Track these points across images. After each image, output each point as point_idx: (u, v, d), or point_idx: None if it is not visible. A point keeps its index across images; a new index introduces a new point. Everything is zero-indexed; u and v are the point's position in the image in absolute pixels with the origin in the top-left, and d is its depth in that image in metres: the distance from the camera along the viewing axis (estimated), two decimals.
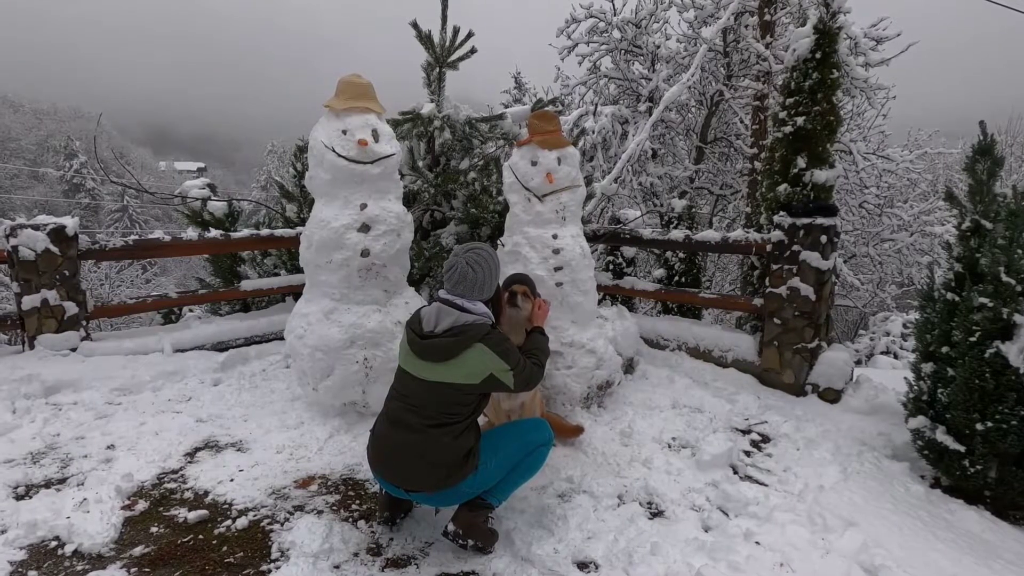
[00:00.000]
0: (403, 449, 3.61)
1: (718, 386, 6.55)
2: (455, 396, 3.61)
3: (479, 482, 3.68)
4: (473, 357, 3.59)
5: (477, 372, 3.60)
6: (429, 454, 3.55)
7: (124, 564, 3.53)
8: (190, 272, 35.28)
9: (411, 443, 3.58)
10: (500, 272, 4.11)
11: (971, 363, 4.40)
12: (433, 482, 3.57)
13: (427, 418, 3.59)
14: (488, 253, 3.95)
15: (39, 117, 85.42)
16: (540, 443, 3.92)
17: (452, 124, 6.89)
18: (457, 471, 3.56)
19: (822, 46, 6.55)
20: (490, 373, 3.61)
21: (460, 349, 3.59)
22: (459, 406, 3.62)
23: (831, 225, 6.25)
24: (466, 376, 3.60)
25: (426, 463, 3.55)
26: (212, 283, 9.24)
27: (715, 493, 4.43)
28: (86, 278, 18.96)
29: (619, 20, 13.99)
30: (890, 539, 3.89)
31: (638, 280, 8.38)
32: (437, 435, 3.56)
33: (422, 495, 3.67)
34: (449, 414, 3.60)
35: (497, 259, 4.03)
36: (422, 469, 3.56)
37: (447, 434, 3.56)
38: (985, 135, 4.79)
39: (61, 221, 6.48)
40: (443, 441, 3.55)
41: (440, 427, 3.57)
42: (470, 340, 3.59)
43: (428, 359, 3.63)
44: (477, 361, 3.59)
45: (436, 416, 3.59)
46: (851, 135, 14.68)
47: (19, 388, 5.60)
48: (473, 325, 3.65)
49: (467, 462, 3.60)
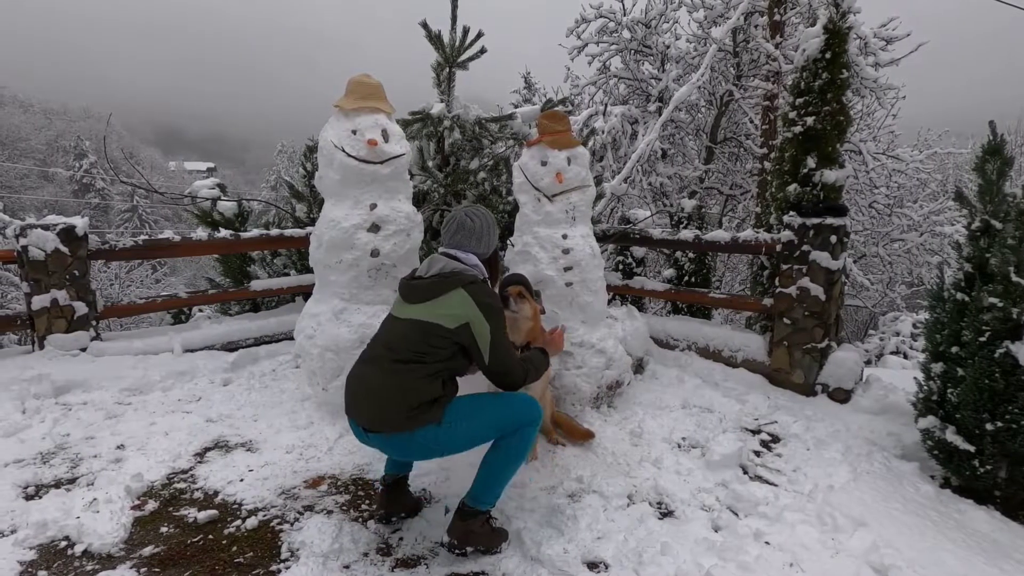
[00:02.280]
0: (368, 384, 3.56)
1: (728, 386, 6.54)
2: (428, 336, 3.52)
3: (440, 441, 3.54)
4: (453, 300, 3.53)
5: (454, 316, 3.51)
6: (391, 389, 3.47)
7: (134, 564, 3.53)
8: (200, 272, 35.32)
9: (377, 378, 3.53)
10: (497, 234, 4.12)
11: (981, 363, 4.38)
12: (390, 420, 3.45)
13: (397, 355, 3.51)
14: (487, 211, 4.02)
15: (49, 117, 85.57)
16: (524, 422, 3.70)
17: (462, 124, 6.90)
18: (416, 415, 3.42)
19: (832, 46, 6.53)
20: (466, 322, 3.51)
21: (442, 291, 3.57)
22: (430, 347, 3.50)
23: (841, 225, 6.23)
24: (441, 317, 3.52)
25: (386, 398, 3.46)
26: (222, 283, 9.27)
27: (725, 493, 4.42)
28: (96, 278, 18.96)
29: (629, 20, 14.03)
30: (900, 539, 3.88)
31: (648, 280, 8.37)
32: (403, 371, 3.47)
33: (380, 437, 3.53)
34: (419, 352, 3.49)
35: (495, 220, 4.08)
36: (381, 404, 3.47)
37: (413, 372, 3.46)
38: (995, 135, 4.77)
39: (71, 221, 6.51)
40: (407, 379, 3.46)
41: (407, 363, 3.48)
42: (454, 284, 3.57)
43: (411, 300, 3.65)
44: (456, 305, 3.52)
45: (405, 353, 3.50)
46: (861, 135, 14.67)
47: (29, 388, 5.63)
48: (461, 272, 3.65)
49: (429, 410, 3.45)
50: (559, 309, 5.53)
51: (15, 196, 55.08)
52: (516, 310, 4.36)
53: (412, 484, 4.17)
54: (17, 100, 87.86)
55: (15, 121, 75.05)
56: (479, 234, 3.88)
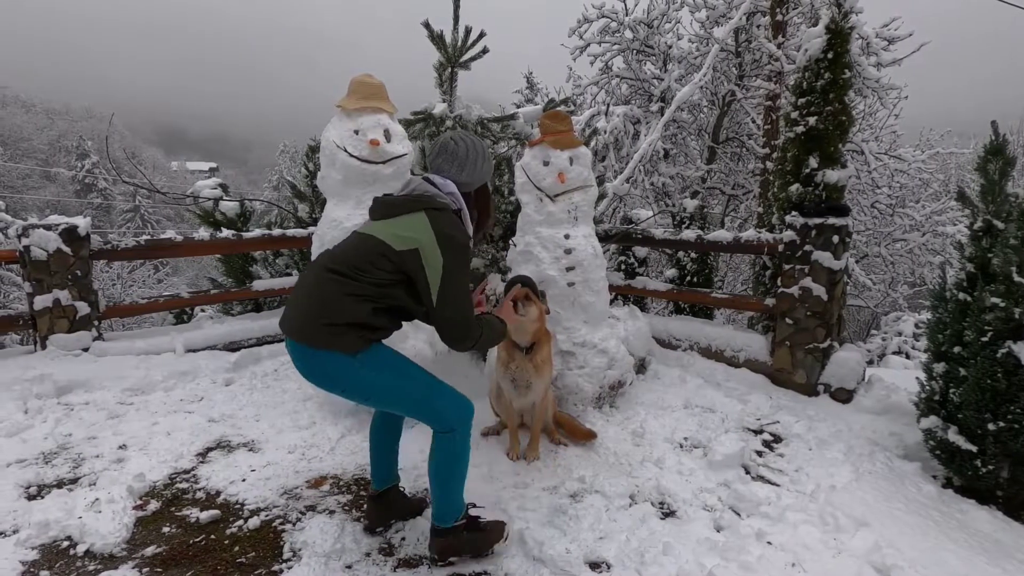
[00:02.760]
0: (299, 287, 3.41)
1: (730, 386, 6.54)
2: (371, 253, 3.24)
3: (344, 377, 3.27)
4: (410, 222, 3.28)
5: (404, 237, 3.23)
6: (313, 297, 3.25)
7: (136, 564, 3.54)
8: (202, 272, 35.34)
9: (307, 282, 3.34)
10: (489, 169, 3.75)
11: (983, 363, 4.37)
12: (302, 328, 3.22)
13: (334, 264, 3.27)
14: (478, 139, 3.70)
15: (51, 117, 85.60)
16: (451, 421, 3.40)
17: (464, 124, 6.88)
18: (328, 333, 3.17)
19: (834, 46, 6.52)
20: (416, 247, 3.20)
21: (403, 210, 3.36)
22: (369, 265, 3.21)
23: (843, 225, 6.22)
24: (392, 237, 3.25)
25: (307, 305, 3.25)
26: (224, 283, 9.27)
27: (727, 493, 4.42)
28: (98, 278, 18.97)
29: (631, 20, 14.03)
30: (902, 539, 3.87)
31: (650, 280, 8.36)
32: (332, 281, 3.21)
33: (292, 344, 3.29)
34: (356, 268, 3.22)
35: (486, 152, 3.73)
36: (301, 308, 3.27)
37: (342, 287, 3.19)
38: (997, 135, 4.77)
39: (73, 221, 6.51)
40: (332, 290, 3.20)
41: (341, 276, 3.21)
42: (417, 206, 3.34)
43: (373, 217, 3.51)
44: (411, 226, 3.26)
45: (342, 266, 3.24)
46: (863, 135, 14.65)
47: (31, 388, 5.63)
48: (431, 197, 3.40)
49: (344, 333, 3.18)
50: (561, 309, 5.53)
51: (17, 196, 55.08)
52: (524, 314, 4.35)
53: (414, 484, 4.17)
54: (19, 100, 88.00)
55: (17, 121, 75.16)
56: (462, 161, 3.59)
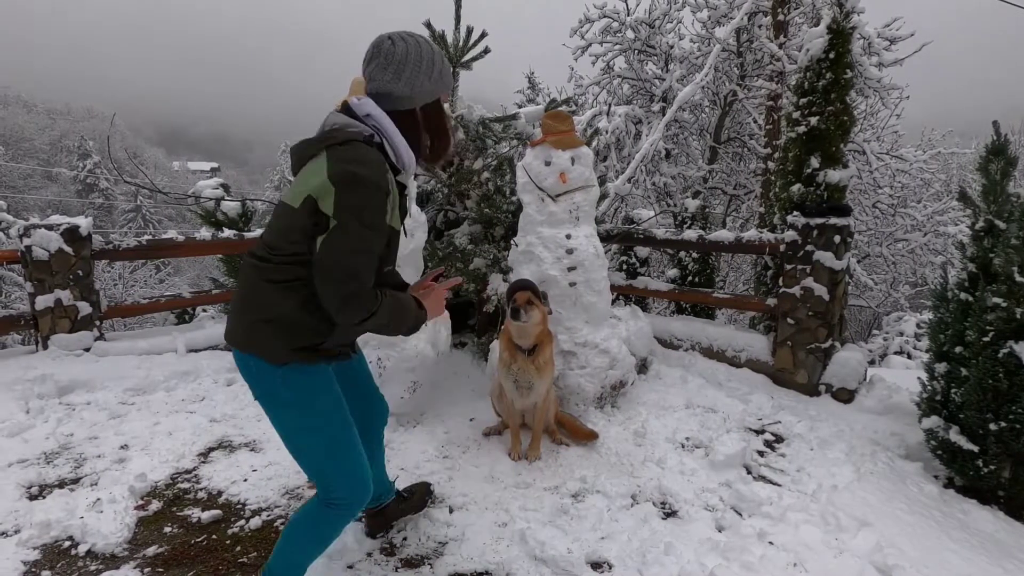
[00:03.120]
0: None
1: (732, 386, 6.53)
2: (281, 223, 2.67)
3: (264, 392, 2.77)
4: (309, 170, 2.61)
5: (301, 190, 2.58)
6: (237, 291, 2.81)
7: (137, 564, 3.53)
8: (204, 272, 35.38)
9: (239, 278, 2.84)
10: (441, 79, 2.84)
11: (985, 363, 4.37)
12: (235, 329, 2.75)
13: (255, 248, 2.76)
14: (426, 40, 2.76)
15: (52, 117, 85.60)
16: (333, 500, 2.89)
17: (466, 124, 6.87)
18: (250, 330, 2.69)
19: (836, 46, 6.52)
20: (308, 194, 2.53)
21: (306, 158, 2.69)
22: (283, 240, 2.62)
23: (845, 225, 6.22)
24: (291, 195, 2.64)
25: (235, 300, 2.81)
26: (226, 283, 9.29)
27: (728, 493, 4.41)
28: (100, 278, 19.00)
29: (632, 20, 14.02)
30: (903, 539, 3.87)
31: (652, 280, 8.36)
32: (251, 267, 2.72)
33: (234, 354, 2.80)
34: (270, 247, 2.66)
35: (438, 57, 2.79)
36: (232, 307, 2.82)
37: (260, 272, 2.67)
38: (999, 135, 4.77)
39: (75, 221, 6.52)
40: (252, 277, 2.70)
41: (257, 259, 2.70)
42: (318, 147, 2.63)
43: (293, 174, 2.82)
44: (309, 174, 2.59)
45: (259, 248, 2.72)
46: (865, 135, 14.64)
47: (33, 388, 5.64)
48: (338, 130, 2.65)
49: (263, 331, 2.66)
50: (563, 309, 5.52)
51: (19, 196, 55.11)
52: (526, 320, 4.36)
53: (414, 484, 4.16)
54: (21, 100, 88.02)
55: (19, 121, 75.11)
56: (399, 65, 2.70)
